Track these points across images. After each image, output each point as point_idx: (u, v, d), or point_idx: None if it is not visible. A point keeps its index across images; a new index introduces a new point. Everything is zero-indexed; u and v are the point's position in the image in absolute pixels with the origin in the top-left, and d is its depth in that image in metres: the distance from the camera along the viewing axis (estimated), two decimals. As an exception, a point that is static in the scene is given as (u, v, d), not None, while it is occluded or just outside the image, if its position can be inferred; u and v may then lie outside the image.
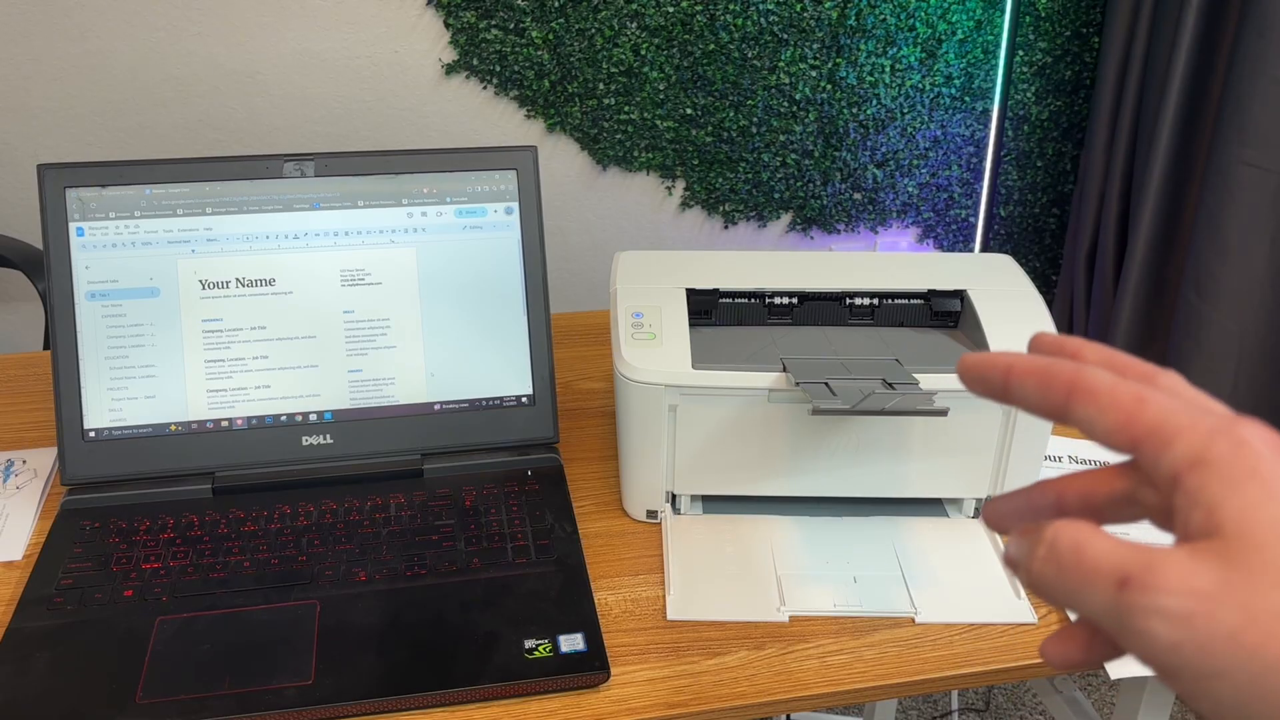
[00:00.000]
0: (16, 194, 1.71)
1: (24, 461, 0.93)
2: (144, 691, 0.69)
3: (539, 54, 1.77)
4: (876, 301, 0.90)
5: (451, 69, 1.76)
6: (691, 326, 0.84)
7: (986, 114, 1.98)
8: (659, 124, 1.87)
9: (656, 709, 0.70)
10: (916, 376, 0.79)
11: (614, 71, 1.81)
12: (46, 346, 1.11)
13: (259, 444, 0.88)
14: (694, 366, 0.80)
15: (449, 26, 1.73)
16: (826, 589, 0.80)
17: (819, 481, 0.85)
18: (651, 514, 0.87)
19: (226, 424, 0.88)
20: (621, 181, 1.92)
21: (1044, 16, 1.92)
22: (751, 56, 1.85)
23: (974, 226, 2.09)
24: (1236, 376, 1.72)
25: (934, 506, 0.88)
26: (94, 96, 1.68)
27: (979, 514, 0.87)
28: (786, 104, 1.90)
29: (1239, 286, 1.67)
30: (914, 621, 0.77)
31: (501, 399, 0.92)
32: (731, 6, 1.80)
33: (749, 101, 1.88)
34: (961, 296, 0.88)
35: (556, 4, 1.74)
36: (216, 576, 0.79)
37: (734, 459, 0.84)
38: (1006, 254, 1.06)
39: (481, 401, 0.92)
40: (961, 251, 2.12)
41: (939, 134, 1.99)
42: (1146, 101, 1.83)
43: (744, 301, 0.89)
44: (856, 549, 0.84)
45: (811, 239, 2.05)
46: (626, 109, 1.85)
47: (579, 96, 1.82)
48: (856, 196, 2.02)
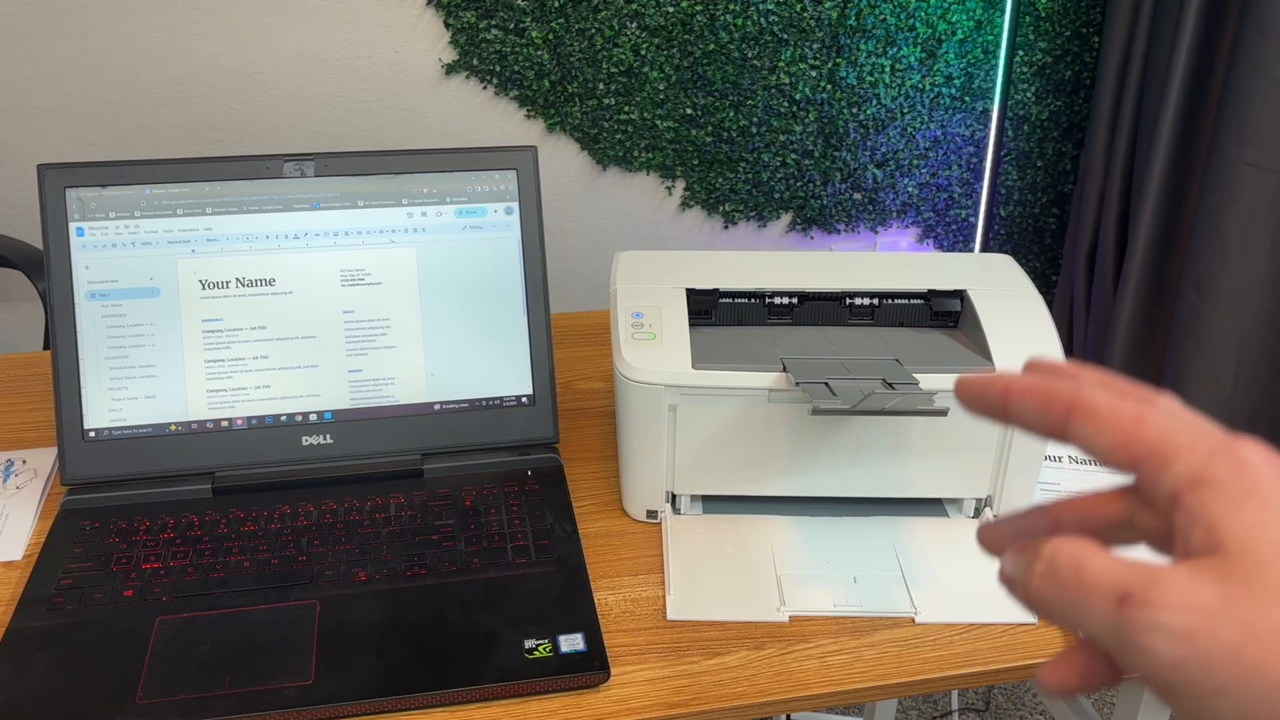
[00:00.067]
0: (16, 194, 1.71)
1: (24, 461, 0.93)
2: (144, 691, 0.69)
3: (539, 54, 1.77)
4: (876, 301, 0.90)
5: (451, 69, 1.76)
6: (691, 326, 0.84)
7: (986, 114, 1.98)
8: (659, 124, 1.87)
9: (656, 709, 0.70)
10: (916, 376, 0.79)
11: (614, 71, 1.81)
12: (46, 346, 1.11)
13: (259, 444, 0.88)
14: (694, 366, 0.80)
15: (449, 26, 1.73)
16: (826, 589, 0.80)
17: (819, 481, 0.85)
18: (651, 514, 0.87)
19: (226, 424, 0.88)
20: (621, 181, 1.92)
21: (1044, 16, 1.92)
22: (751, 56, 1.85)
23: (974, 226, 2.09)
24: (1236, 376, 1.72)
25: (934, 506, 0.88)
26: (94, 96, 1.68)
27: (979, 514, 0.87)
28: (786, 104, 1.90)
29: (1239, 286, 1.67)
30: (914, 621, 0.77)
31: (501, 399, 0.92)
32: (731, 6, 1.80)
33: (749, 101, 1.88)
34: (961, 296, 0.88)
35: (556, 4, 1.74)
36: (216, 576, 0.79)
37: (734, 459, 0.84)
38: (1006, 254, 1.06)
39: (481, 401, 0.92)
40: (961, 251, 2.12)
41: (939, 134, 1.99)
42: (1146, 101, 1.83)
43: (744, 301, 0.89)
44: (856, 549, 0.84)
45: (811, 239, 2.05)
46: (626, 109, 1.85)
47: (579, 96, 1.82)
48: (856, 196, 2.02)
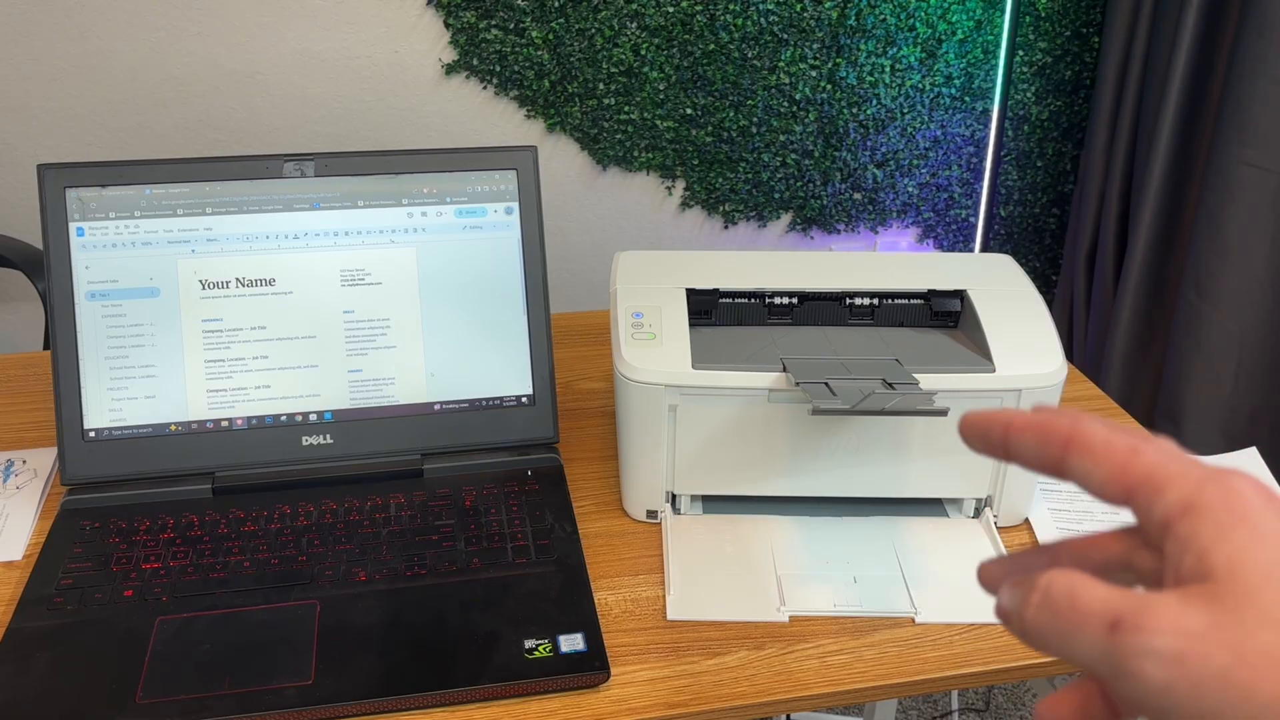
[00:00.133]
0: (16, 194, 1.71)
1: (24, 461, 0.93)
2: (144, 691, 0.69)
3: (539, 54, 1.77)
4: (876, 301, 0.90)
5: (451, 69, 1.76)
6: (691, 326, 0.84)
7: (986, 114, 1.98)
8: (659, 124, 1.87)
9: (656, 709, 0.70)
10: (916, 376, 0.79)
11: (614, 71, 1.81)
12: (46, 346, 1.11)
13: (259, 444, 0.88)
14: (694, 366, 0.80)
15: (449, 26, 1.73)
16: (826, 589, 0.80)
17: (819, 481, 0.85)
18: (651, 514, 0.87)
19: (226, 424, 0.88)
20: (621, 181, 1.92)
21: (1044, 16, 1.92)
22: (751, 56, 1.85)
23: (974, 226, 2.09)
24: (1236, 376, 1.72)
25: (934, 506, 0.88)
26: (94, 96, 1.68)
27: (979, 514, 0.87)
28: (786, 104, 1.90)
29: (1239, 286, 1.67)
30: (914, 621, 0.77)
31: (501, 399, 0.92)
32: (731, 6, 1.80)
33: (749, 101, 1.88)
34: (961, 296, 0.88)
35: (556, 4, 1.74)
36: (216, 576, 0.79)
37: (734, 459, 0.84)
38: (1006, 254, 1.06)
39: (481, 401, 0.92)
40: (961, 251, 2.12)
41: (939, 134, 1.99)
42: (1146, 101, 1.83)
43: (744, 301, 0.89)
44: (856, 549, 0.84)
45: (811, 239, 2.05)
46: (626, 109, 1.85)
47: (579, 96, 1.82)
48: (856, 196, 2.02)
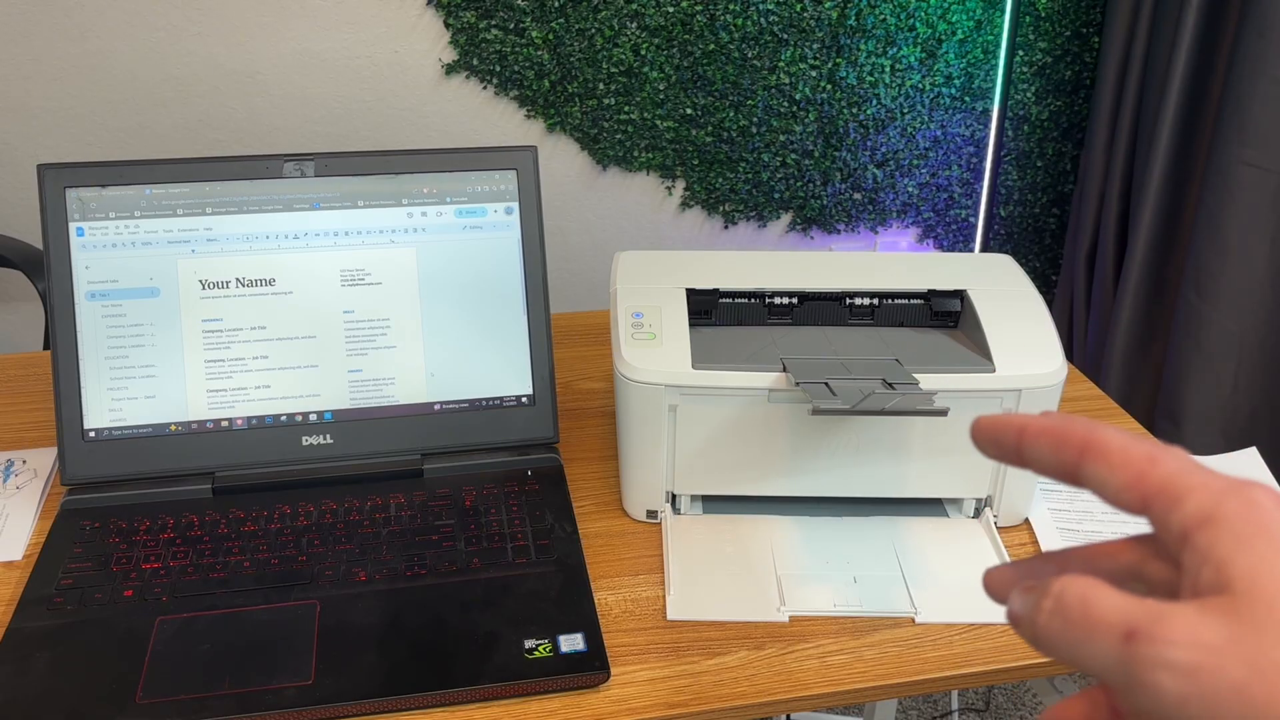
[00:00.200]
0: (16, 194, 1.71)
1: (24, 461, 0.93)
2: (144, 691, 0.69)
3: (539, 54, 1.77)
4: (876, 301, 0.90)
5: (451, 69, 1.76)
6: (691, 326, 0.84)
7: (986, 114, 1.98)
8: (659, 124, 1.87)
9: (656, 709, 0.70)
10: (916, 376, 0.79)
11: (614, 71, 1.81)
12: (46, 346, 1.11)
13: (259, 444, 0.88)
14: (694, 366, 0.80)
15: (449, 26, 1.73)
16: (826, 589, 0.80)
17: (819, 481, 0.85)
18: (651, 514, 0.87)
19: (226, 424, 0.88)
20: (621, 181, 1.92)
21: (1044, 16, 1.92)
22: (751, 56, 1.85)
23: (974, 226, 2.09)
24: (1236, 376, 1.72)
25: (934, 506, 0.88)
26: (94, 96, 1.68)
27: (979, 514, 0.87)
28: (786, 104, 1.90)
29: (1239, 286, 1.67)
30: (914, 621, 0.77)
31: (501, 399, 0.92)
32: (731, 6, 1.80)
33: (749, 101, 1.88)
34: (961, 296, 0.88)
35: (556, 4, 1.74)
36: (216, 576, 0.79)
37: (734, 459, 0.84)
38: (1006, 254, 1.06)
39: (481, 401, 0.92)
40: (961, 251, 2.12)
41: (939, 134, 1.99)
42: (1146, 101, 1.83)
43: (744, 301, 0.89)
44: (856, 549, 0.84)
45: (811, 239, 2.05)
46: (626, 109, 1.85)
47: (579, 96, 1.82)
48: (856, 196, 2.02)
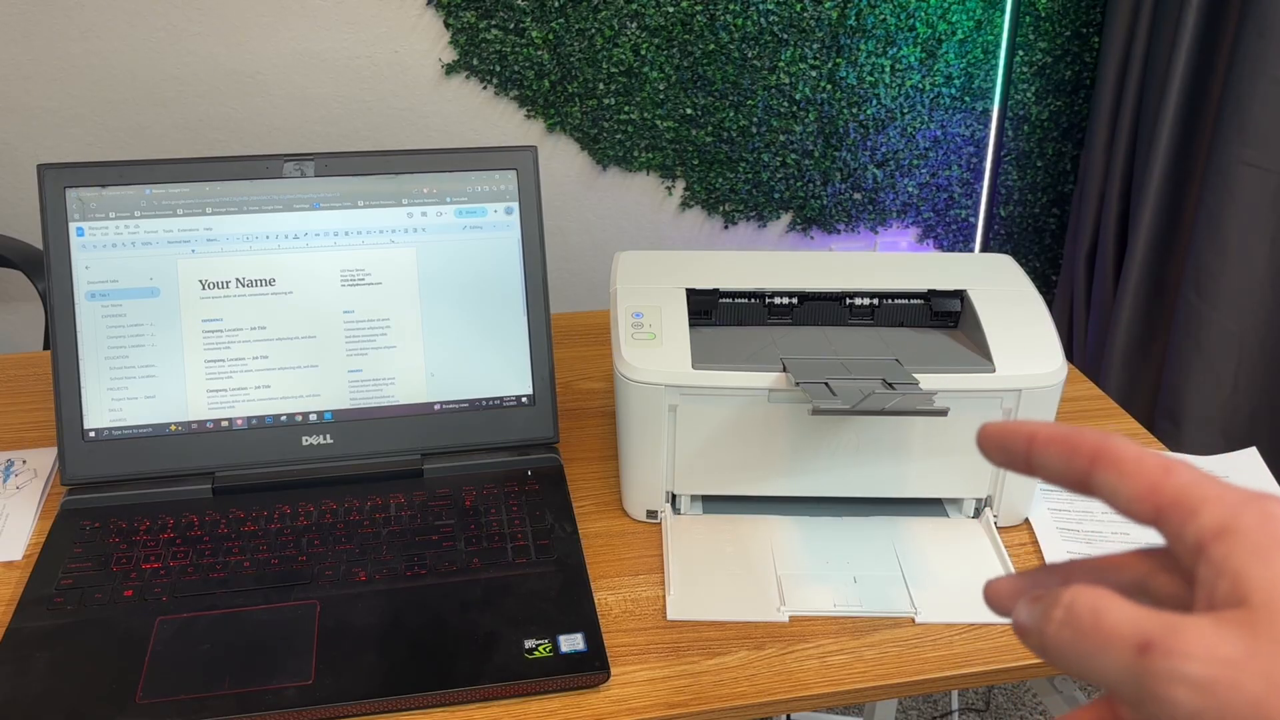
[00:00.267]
0: (16, 194, 1.71)
1: (24, 461, 0.93)
2: (144, 691, 0.69)
3: (539, 54, 1.77)
4: (876, 301, 0.90)
5: (451, 69, 1.76)
6: (691, 326, 0.84)
7: (986, 114, 1.98)
8: (659, 124, 1.87)
9: (656, 709, 0.70)
10: (916, 376, 0.79)
11: (614, 71, 1.81)
12: (46, 346, 1.11)
13: (259, 444, 0.88)
14: (694, 366, 0.80)
15: (449, 26, 1.73)
16: (826, 589, 0.80)
17: (819, 481, 0.85)
18: (651, 514, 0.87)
19: (226, 424, 0.88)
20: (621, 181, 1.92)
21: (1044, 16, 1.92)
22: (751, 56, 1.85)
23: (974, 226, 2.09)
24: (1236, 376, 1.72)
25: (934, 506, 0.88)
26: (94, 96, 1.68)
27: (979, 514, 0.87)
28: (786, 104, 1.90)
29: (1239, 286, 1.67)
30: (914, 621, 0.77)
31: (501, 399, 0.92)
32: (731, 6, 1.80)
33: (749, 101, 1.88)
34: (961, 296, 0.88)
35: (556, 4, 1.74)
36: (216, 576, 0.79)
37: (734, 459, 0.84)
38: (1006, 254, 1.06)
39: (481, 401, 0.92)
40: (961, 251, 2.12)
41: (939, 134, 1.99)
42: (1146, 101, 1.83)
43: (744, 301, 0.89)
44: (856, 549, 0.84)
45: (811, 239, 2.05)
46: (626, 109, 1.85)
47: (579, 96, 1.82)
48: (856, 196, 2.02)
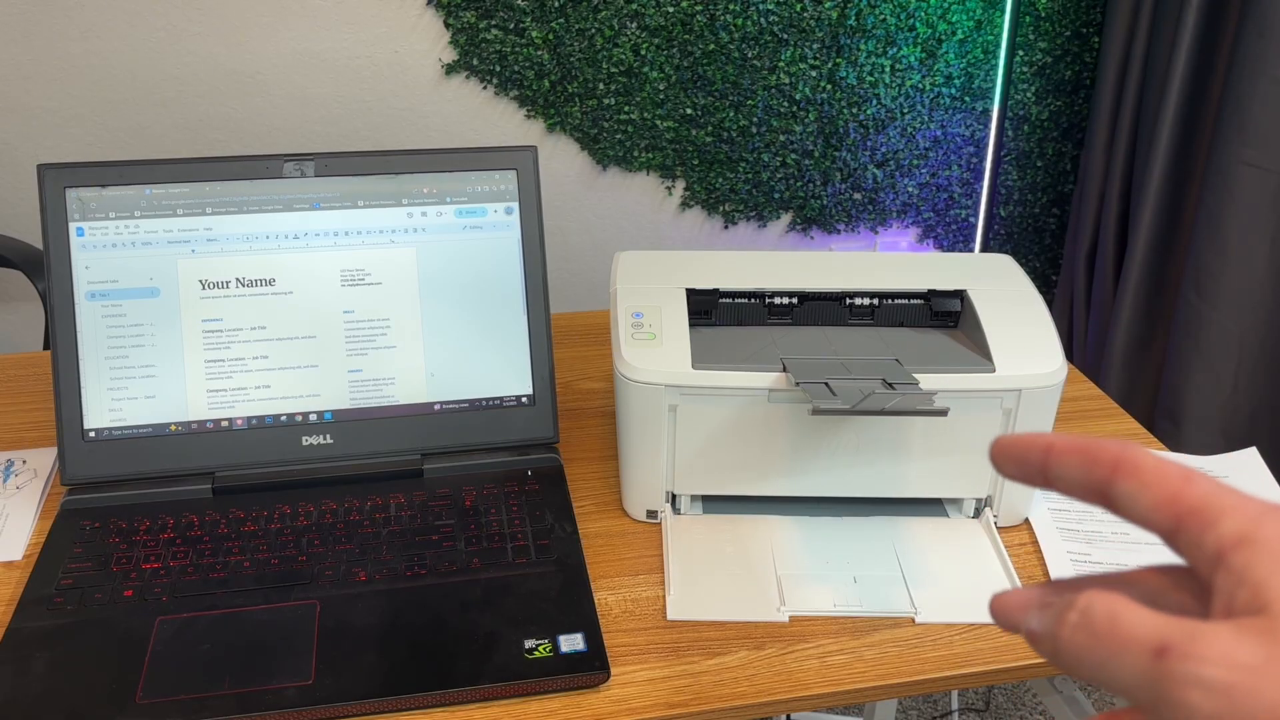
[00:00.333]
0: (16, 194, 1.71)
1: (24, 461, 0.93)
2: (144, 691, 0.69)
3: (539, 54, 1.77)
4: (876, 301, 0.90)
5: (451, 69, 1.76)
6: (691, 326, 0.84)
7: (986, 114, 1.98)
8: (659, 124, 1.87)
9: (656, 709, 0.70)
10: (916, 376, 0.79)
11: (614, 71, 1.81)
12: (46, 346, 1.11)
13: (259, 444, 0.88)
14: (694, 366, 0.80)
15: (449, 26, 1.73)
16: (826, 589, 0.80)
17: (819, 481, 0.85)
18: (651, 514, 0.87)
19: (226, 424, 0.88)
20: (621, 181, 1.92)
21: (1044, 16, 1.92)
22: (751, 56, 1.85)
23: (974, 226, 2.09)
24: (1236, 376, 1.72)
25: (934, 506, 0.88)
26: (94, 96, 1.68)
27: (979, 514, 0.87)
28: (786, 104, 1.90)
29: (1239, 286, 1.67)
30: (914, 621, 0.77)
31: (501, 399, 0.92)
32: (731, 6, 1.80)
33: (749, 101, 1.88)
34: (961, 296, 0.88)
35: (556, 4, 1.74)
36: (216, 576, 0.79)
37: (734, 459, 0.84)
38: (1006, 254, 1.06)
39: (481, 401, 0.92)
40: (961, 251, 2.12)
41: (939, 134, 1.99)
42: (1146, 101, 1.83)
43: (744, 301, 0.89)
44: (856, 549, 0.84)
45: (811, 239, 2.05)
46: (626, 109, 1.85)
47: (579, 96, 1.82)
48: (856, 196, 2.02)
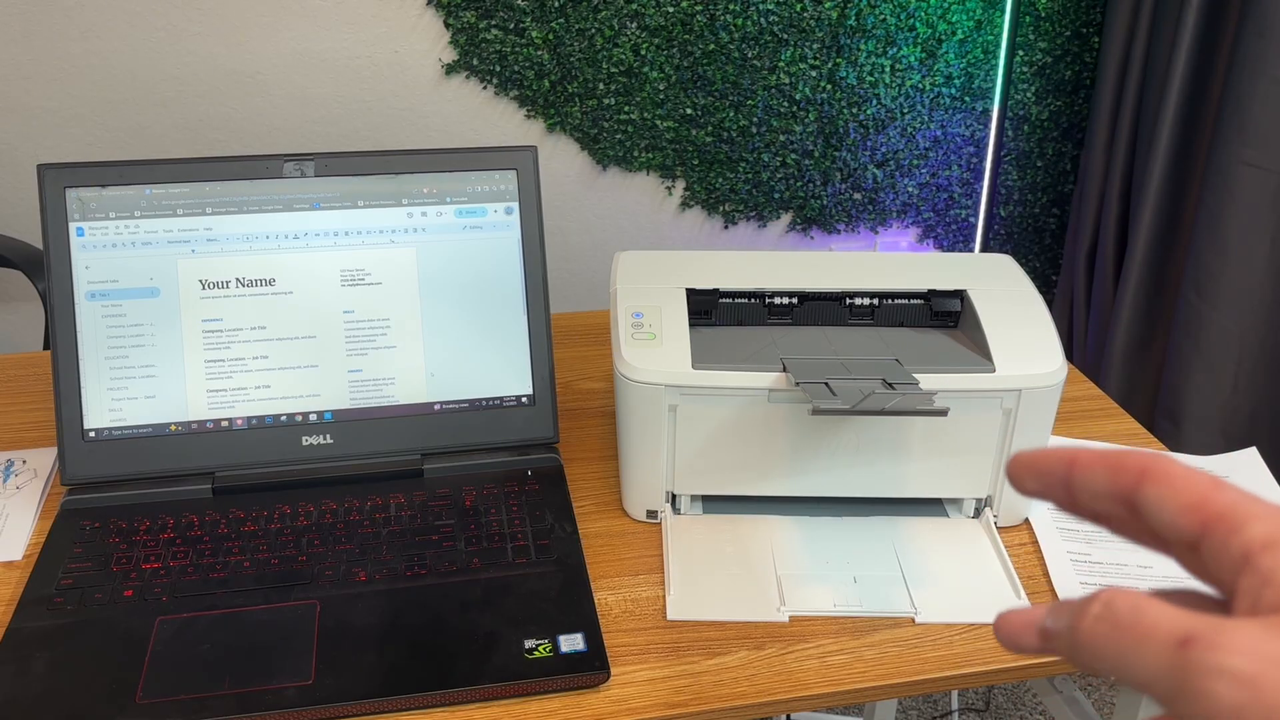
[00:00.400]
0: (16, 194, 1.71)
1: (24, 461, 0.93)
2: (144, 691, 0.69)
3: (539, 54, 1.77)
4: (876, 301, 0.90)
5: (451, 69, 1.76)
6: (691, 326, 0.84)
7: (986, 114, 1.98)
8: (659, 124, 1.87)
9: (656, 709, 0.70)
10: (916, 376, 0.79)
11: (614, 71, 1.81)
12: (46, 346, 1.11)
13: (259, 444, 0.88)
14: (694, 366, 0.80)
15: (449, 26, 1.73)
16: (826, 589, 0.80)
17: (819, 481, 0.85)
18: (651, 514, 0.87)
19: (226, 424, 0.88)
20: (621, 181, 1.92)
21: (1044, 16, 1.92)
22: (751, 56, 1.85)
23: (974, 226, 2.09)
24: (1236, 377, 1.72)
25: (934, 506, 0.88)
26: (94, 96, 1.68)
27: (979, 514, 0.87)
28: (786, 104, 1.90)
29: (1239, 286, 1.67)
30: (914, 621, 0.77)
31: (501, 399, 0.92)
32: (731, 6, 1.80)
33: (749, 101, 1.88)
34: (961, 296, 0.88)
35: (556, 4, 1.74)
36: (216, 576, 0.79)
37: (734, 459, 0.84)
38: (1006, 254, 1.06)
39: (481, 401, 0.92)
40: (961, 251, 2.12)
41: (939, 134, 1.99)
42: (1146, 101, 1.83)
43: (744, 301, 0.89)
44: (856, 549, 0.84)
45: (811, 239, 2.05)
46: (626, 109, 1.85)
47: (579, 96, 1.82)
48: (856, 196, 2.02)
